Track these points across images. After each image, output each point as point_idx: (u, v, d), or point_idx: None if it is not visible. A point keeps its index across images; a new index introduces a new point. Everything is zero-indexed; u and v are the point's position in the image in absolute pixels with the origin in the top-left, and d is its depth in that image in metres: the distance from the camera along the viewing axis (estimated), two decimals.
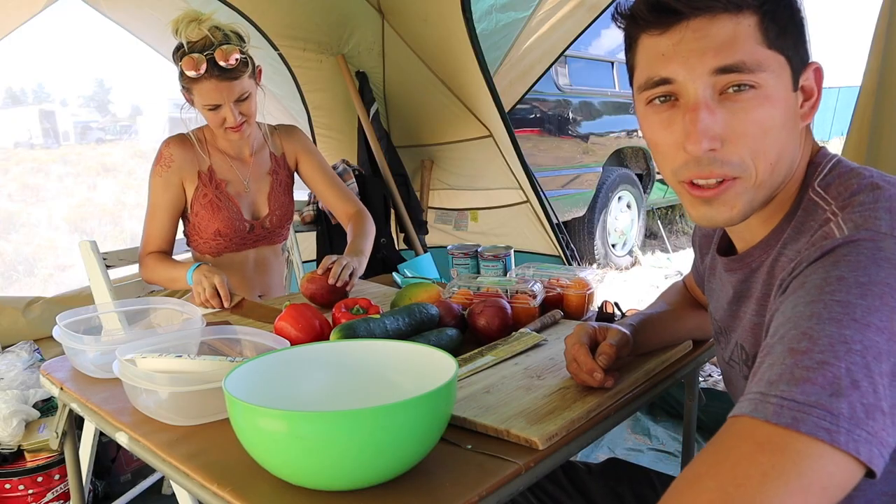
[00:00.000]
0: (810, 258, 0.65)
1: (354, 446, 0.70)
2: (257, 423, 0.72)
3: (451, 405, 0.79)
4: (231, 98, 1.62)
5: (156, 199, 1.74)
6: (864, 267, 0.60)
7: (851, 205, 0.67)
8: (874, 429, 0.53)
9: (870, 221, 0.64)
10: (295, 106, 3.29)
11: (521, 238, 3.38)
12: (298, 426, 0.70)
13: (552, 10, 3.05)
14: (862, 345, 0.56)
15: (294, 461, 0.73)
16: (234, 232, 1.77)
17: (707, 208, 0.73)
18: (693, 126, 0.68)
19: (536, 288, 1.35)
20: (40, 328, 2.41)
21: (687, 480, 0.56)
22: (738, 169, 0.70)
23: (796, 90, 0.72)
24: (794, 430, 0.53)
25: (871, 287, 0.58)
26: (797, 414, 0.54)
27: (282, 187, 1.86)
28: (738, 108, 0.68)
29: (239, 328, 1.19)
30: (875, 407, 0.54)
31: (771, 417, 0.54)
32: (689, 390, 1.35)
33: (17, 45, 8.17)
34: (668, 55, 0.70)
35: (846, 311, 0.58)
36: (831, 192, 0.71)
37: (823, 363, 0.55)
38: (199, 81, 1.60)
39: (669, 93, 0.71)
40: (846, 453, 0.52)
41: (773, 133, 0.69)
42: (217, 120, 1.66)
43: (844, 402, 0.54)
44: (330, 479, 0.74)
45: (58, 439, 1.24)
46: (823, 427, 0.53)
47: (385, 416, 0.70)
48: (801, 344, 0.57)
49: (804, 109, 0.74)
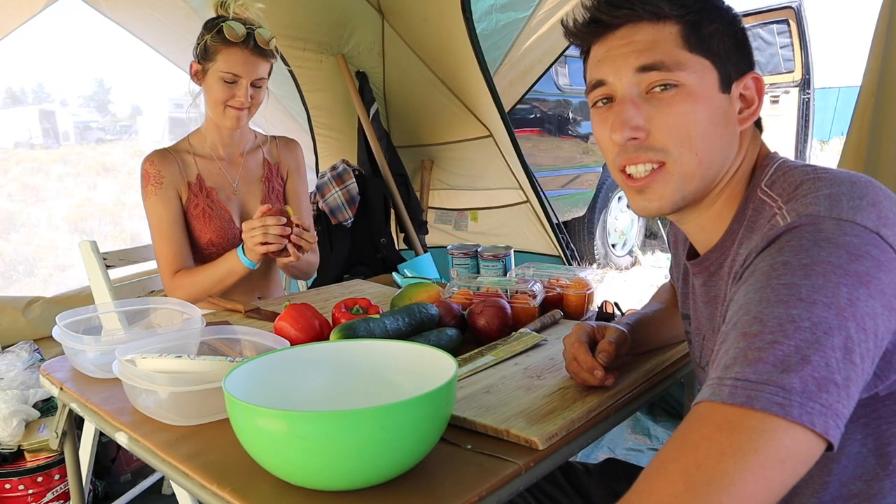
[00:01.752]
0: (758, 248, 0.68)
1: (354, 446, 0.70)
2: (257, 423, 0.72)
3: (451, 405, 0.79)
4: (252, 75, 1.64)
5: (160, 218, 1.68)
6: (807, 249, 0.63)
7: (794, 197, 0.70)
8: (828, 401, 0.55)
9: (810, 207, 0.66)
10: (295, 106, 3.29)
11: (521, 238, 3.38)
12: (298, 426, 0.70)
13: (552, 10, 3.05)
14: (810, 321, 0.58)
15: (294, 461, 0.72)
16: (227, 240, 1.74)
17: (640, 197, 0.80)
18: (617, 118, 0.77)
19: (536, 288, 1.35)
20: (40, 328, 2.41)
21: (653, 467, 0.59)
22: (661, 154, 0.76)
23: (726, 93, 0.77)
24: (749, 407, 0.56)
25: (814, 267, 0.61)
26: (751, 392, 0.56)
27: (273, 194, 1.84)
28: (662, 104, 0.75)
29: (239, 328, 1.19)
30: (828, 380, 0.56)
31: (727, 398, 0.57)
32: (689, 390, 1.35)
33: (17, 45, 8.21)
34: (602, 60, 0.79)
35: (792, 292, 0.60)
36: (776, 190, 0.74)
37: (774, 342, 0.58)
38: (231, 47, 1.61)
39: (606, 94, 0.80)
40: (801, 426, 0.55)
41: (698, 127, 0.75)
42: (227, 94, 1.65)
43: (796, 377, 0.56)
44: (330, 479, 0.74)
45: (58, 439, 1.24)
46: (776, 402, 0.55)
47: (385, 416, 0.70)
48: (752, 328, 0.60)
49: (743, 115, 0.79)
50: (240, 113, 1.67)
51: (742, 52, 0.79)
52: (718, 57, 0.76)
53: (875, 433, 0.68)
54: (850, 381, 0.57)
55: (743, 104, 0.79)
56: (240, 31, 1.60)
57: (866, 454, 0.68)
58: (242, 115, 1.68)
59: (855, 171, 0.72)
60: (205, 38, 1.63)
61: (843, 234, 0.63)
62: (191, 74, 1.70)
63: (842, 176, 0.70)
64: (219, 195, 1.75)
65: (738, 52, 0.78)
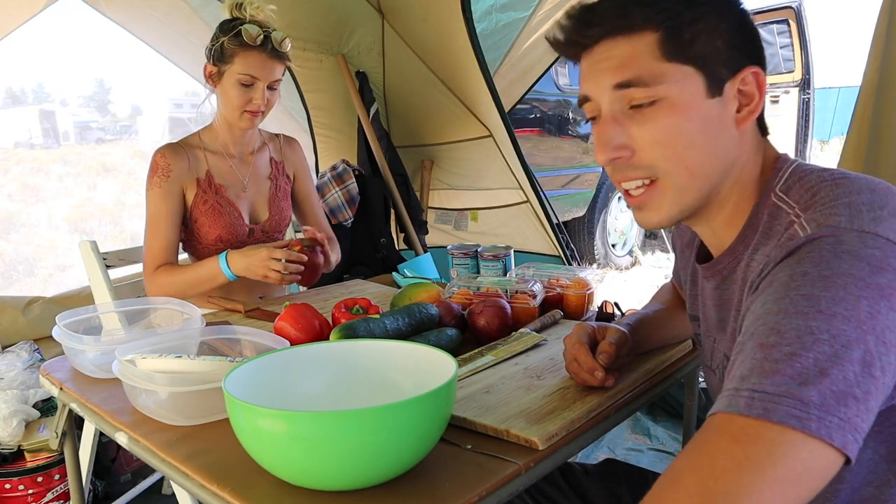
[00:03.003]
0: (777, 258, 0.67)
1: (354, 446, 0.70)
2: (257, 423, 0.72)
3: (451, 405, 0.79)
4: (269, 78, 1.65)
5: (158, 211, 1.68)
6: (827, 261, 0.62)
7: (813, 205, 0.69)
8: (846, 415, 0.55)
9: (830, 218, 0.65)
10: (295, 106, 3.29)
11: (521, 238, 3.38)
12: (298, 426, 0.70)
13: (552, 10, 3.06)
14: (829, 334, 0.57)
15: (294, 461, 0.72)
16: (235, 237, 1.75)
17: (640, 213, 0.79)
18: (598, 138, 0.76)
19: (536, 288, 1.35)
20: (40, 328, 2.41)
21: (668, 479, 0.57)
22: (650, 171, 0.75)
23: (717, 96, 0.73)
24: (766, 419, 0.55)
25: (834, 279, 0.60)
26: (768, 404, 0.55)
27: (281, 192, 1.85)
28: (646, 119, 0.73)
29: (238, 328, 1.19)
30: (846, 393, 0.55)
31: (743, 410, 0.56)
32: (689, 390, 1.35)
33: (17, 45, 8.17)
34: (585, 76, 0.77)
35: (811, 304, 0.59)
36: (793, 196, 0.72)
37: (792, 354, 0.57)
38: (249, 50, 1.62)
39: (593, 112, 0.78)
40: (819, 439, 0.54)
41: (684, 140, 0.72)
42: (244, 98, 1.65)
43: (814, 390, 0.55)
44: (330, 479, 0.74)
45: (58, 439, 1.24)
46: (794, 415, 0.54)
47: (385, 416, 0.70)
48: (769, 338, 0.59)
49: (742, 113, 0.75)
50: (255, 116, 1.69)
51: (739, 46, 0.74)
52: (703, 60, 0.72)
53: (888, 440, 0.67)
54: (869, 395, 0.56)
55: (742, 101, 0.74)
56: (257, 34, 1.61)
57: (878, 461, 0.68)
58: (257, 117, 1.70)
59: (871, 177, 0.70)
60: (220, 40, 1.63)
61: (864, 247, 0.62)
62: (205, 76, 1.70)
63: (860, 182, 0.69)
64: (228, 192, 1.75)
65: (732, 48, 0.73)
